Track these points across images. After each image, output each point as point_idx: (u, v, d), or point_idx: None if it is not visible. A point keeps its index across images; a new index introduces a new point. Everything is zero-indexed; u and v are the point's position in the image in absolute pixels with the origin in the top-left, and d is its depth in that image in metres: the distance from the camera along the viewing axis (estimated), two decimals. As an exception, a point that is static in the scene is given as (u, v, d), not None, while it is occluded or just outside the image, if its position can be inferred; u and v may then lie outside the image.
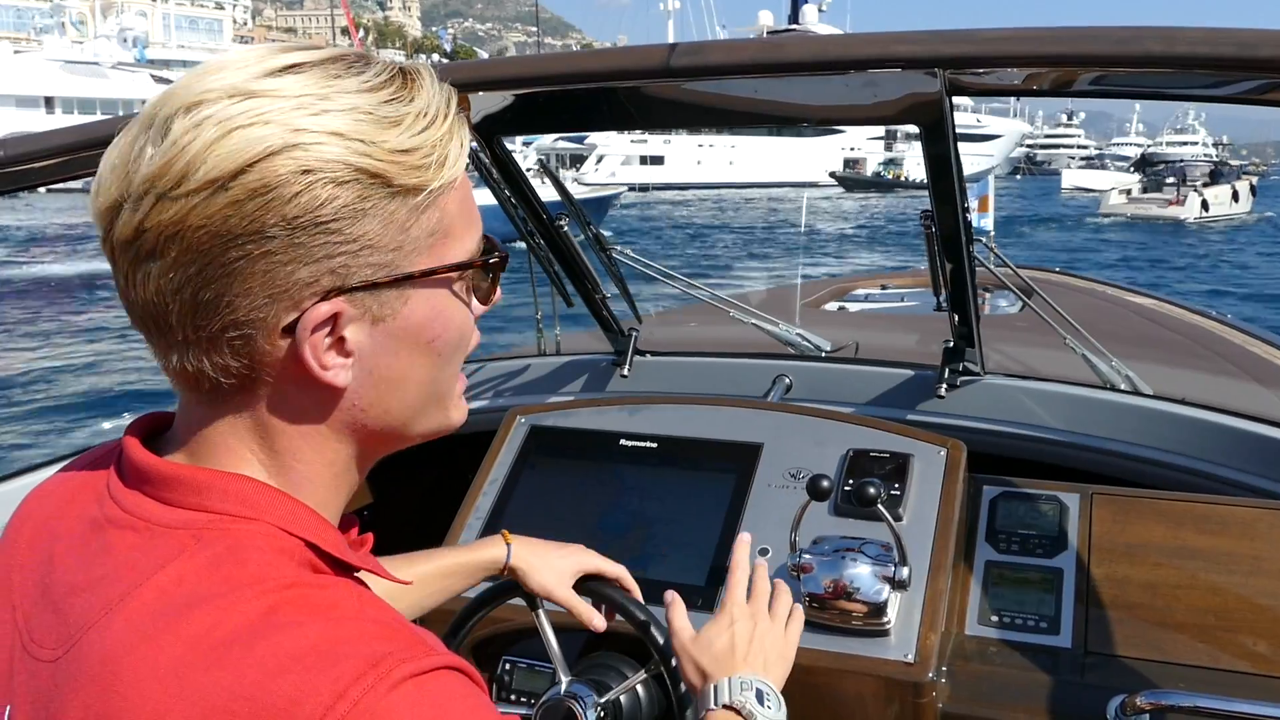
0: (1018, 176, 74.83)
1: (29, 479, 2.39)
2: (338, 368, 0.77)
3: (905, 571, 1.58)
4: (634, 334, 2.55)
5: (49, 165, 1.84)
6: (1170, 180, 40.31)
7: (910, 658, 1.57)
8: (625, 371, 2.51)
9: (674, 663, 1.36)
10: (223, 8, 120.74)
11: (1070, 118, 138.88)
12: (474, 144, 2.08)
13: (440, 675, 0.70)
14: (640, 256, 2.58)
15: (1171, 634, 1.61)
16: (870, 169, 72.81)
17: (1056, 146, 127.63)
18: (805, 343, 2.63)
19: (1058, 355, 2.55)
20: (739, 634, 1.30)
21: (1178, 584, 1.66)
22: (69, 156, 1.79)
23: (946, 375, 2.23)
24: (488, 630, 1.76)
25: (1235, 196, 40.32)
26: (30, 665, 0.76)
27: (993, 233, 5.50)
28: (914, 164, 73.48)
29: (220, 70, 0.74)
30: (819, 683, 1.59)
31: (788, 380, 2.42)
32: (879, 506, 1.56)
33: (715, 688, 1.23)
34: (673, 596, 1.38)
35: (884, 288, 5.10)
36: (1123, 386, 2.29)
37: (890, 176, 65.40)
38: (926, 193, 1.85)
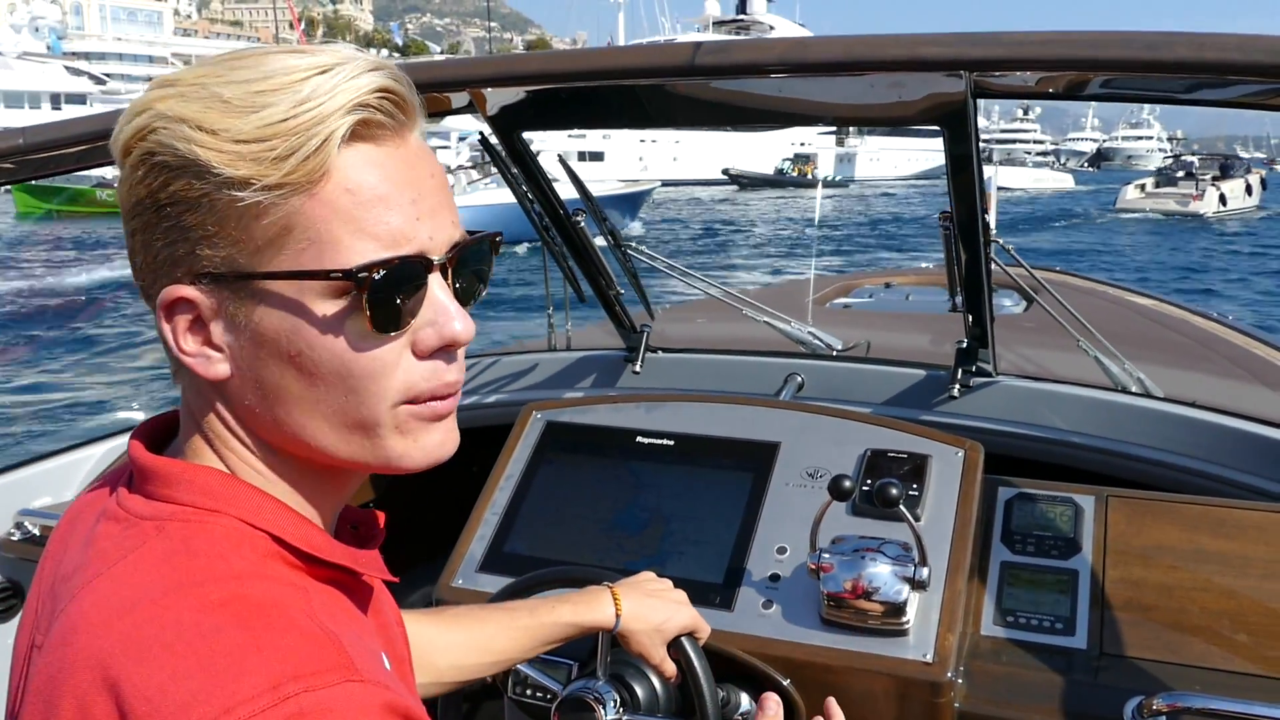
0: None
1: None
2: (201, 357, 0.78)
3: (925, 572, 1.59)
4: (646, 330, 2.56)
5: (69, 154, 1.84)
6: (1180, 174, 40.55)
7: (929, 657, 1.58)
8: (637, 368, 2.52)
9: None
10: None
11: (1026, 113, 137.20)
12: (491, 136, 2.08)
13: (357, 709, 0.67)
14: (654, 253, 2.58)
15: (1186, 637, 1.62)
16: (822, 166, 70.74)
17: (1013, 142, 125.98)
18: (817, 341, 2.63)
19: (1066, 356, 2.56)
20: None
21: (1193, 587, 1.67)
22: (89, 145, 1.79)
23: (960, 376, 2.23)
24: None
25: (1249, 190, 40.68)
26: (35, 655, 0.79)
27: (994, 230, 5.48)
28: (828, 160, 71.83)
29: (198, 63, 0.78)
30: (838, 681, 1.59)
31: (800, 379, 2.42)
32: (900, 507, 1.56)
33: None
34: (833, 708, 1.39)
35: (889, 286, 5.10)
36: (1134, 389, 2.30)
37: (795, 173, 60.71)
38: (835, 191, 1.84)
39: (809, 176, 56.27)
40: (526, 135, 2.13)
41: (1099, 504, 1.81)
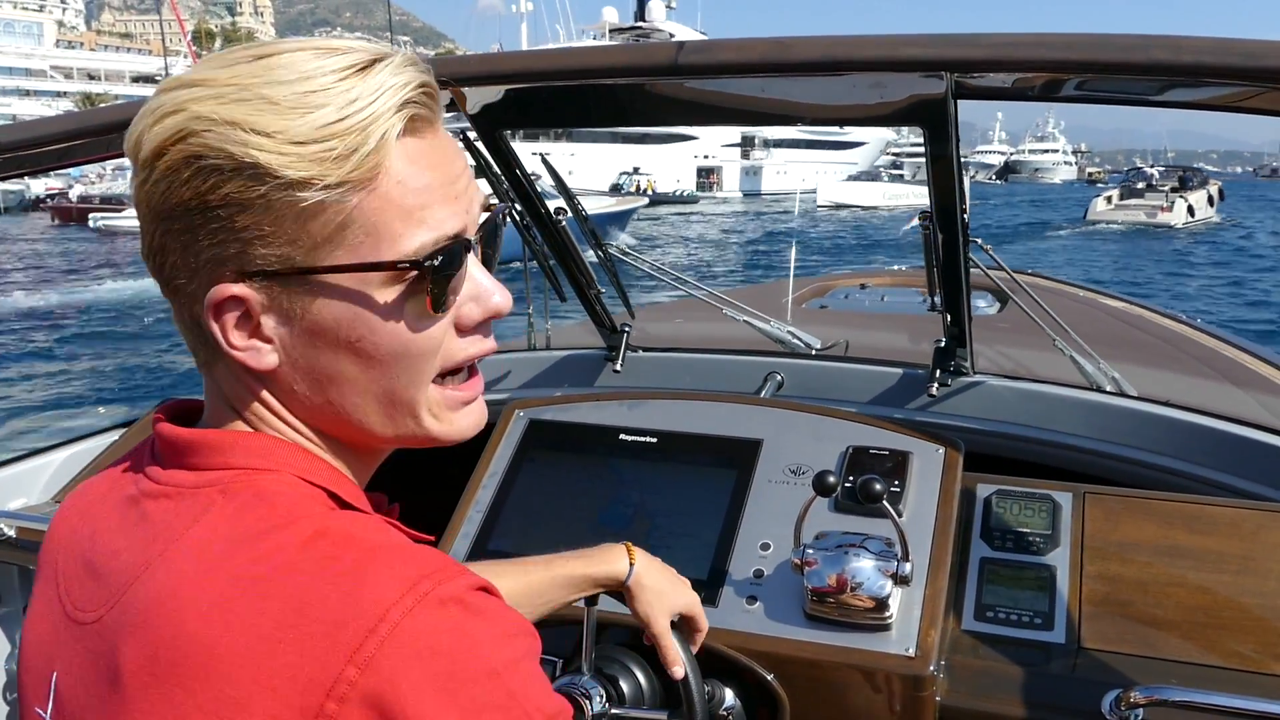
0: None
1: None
2: (250, 350, 0.79)
3: (908, 567, 1.61)
4: (627, 330, 2.56)
5: (47, 152, 1.82)
6: (1141, 186, 41.38)
7: (911, 652, 1.59)
8: (618, 367, 2.52)
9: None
10: (44, 10, 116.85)
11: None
12: (472, 135, 2.08)
13: (474, 595, 0.73)
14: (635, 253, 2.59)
15: (1162, 631, 1.64)
16: (727, 179, 69.18)
17: (921, 155, 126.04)
18: (796, 340, 2.65)
19: (1042, 355, 2.59)
20: None
21: (1168, 582, 1.70)
22: (68, 144, 1.78)
23: (938, 374, 2.25)
24: None
25: (1210, 201, 41.66)
26: (74, 631, 0.80)
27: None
28: (733, 173, 70.04)
29: (205, 62, 0.78)
30: (821, 676, 1.61)
31: (779, 377, 2.44)
32: (884, 503, 1.58)
33: None
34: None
35: (863, 287, 5.14)
36: (1109, 388, 2.33)
37: (634, 189, 52.22)
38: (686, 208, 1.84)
39: (650, 192, 51.23)
40: (508, 134, 2.13)
41: (1076, 501, 1.84)
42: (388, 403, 0.83)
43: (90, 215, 36.07)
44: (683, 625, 1.47)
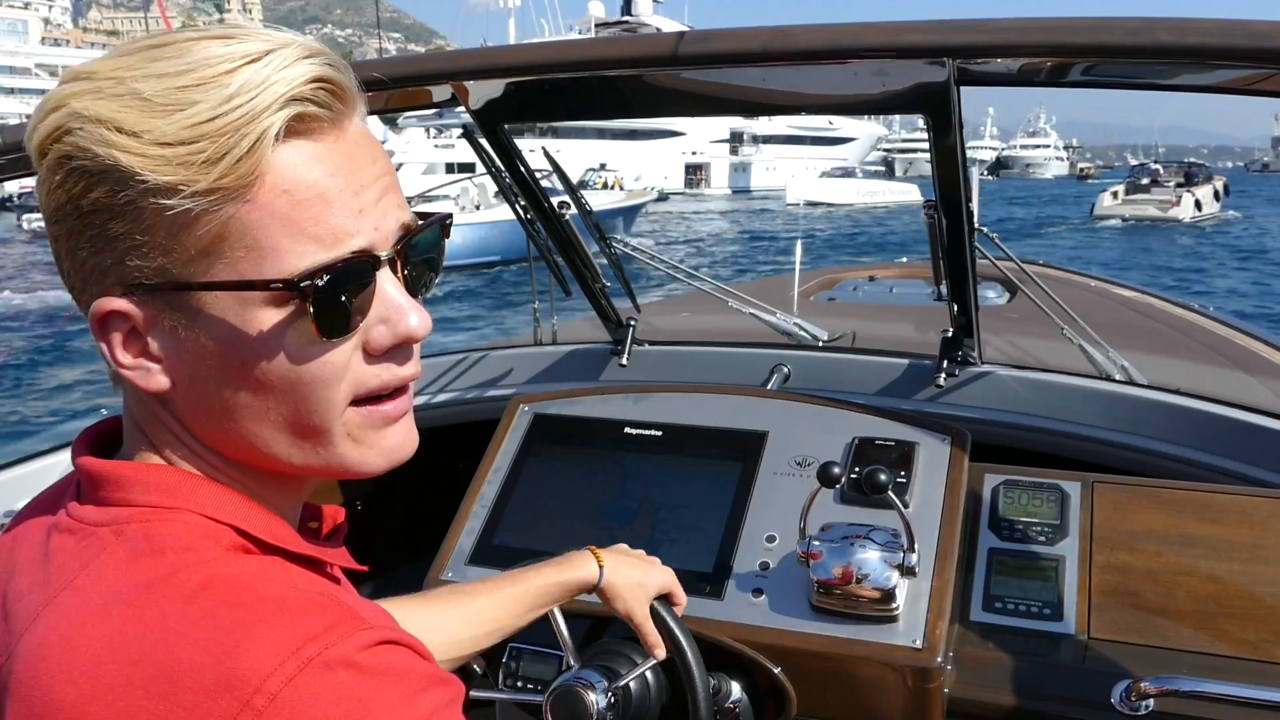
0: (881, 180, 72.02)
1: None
2: (139, 369, 0.74)
3: (914, 558, 1.60)
4: (632, 324, 2.55)
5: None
6: (1146, 181, 41.38)
7: (918, 643, 1.58)
8: (624, 361, 2.51)
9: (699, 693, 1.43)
10: (29, 7, 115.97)
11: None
12: (475, 129, 2.07)
13: (370, 654, 0.66)
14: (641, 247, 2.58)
15: (1173, 621, 1.63)
16: (715, 176, 67.32)
17: (914, 150, 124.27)
18: (802, 332, 2.64)
19: (1050, 345, 2.57)
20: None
21: (1178, 571, 1.68)
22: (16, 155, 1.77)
23: (945, 365, 2.24)
24: None
25: (1216, 196, 41.64)
26: None
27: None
28: (721, 170, 68.24)
29: (113, 49, 0.74)
30: (828, 669, 1.60)
31: (786, 369, 2.42)
32: (889, 494, 1.57)
33: None
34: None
35: (872, 279, 5.11)
36: (1118, 377, 2.31)
37: (600, 185, 39.68)
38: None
39: (619, 190, 44.85)
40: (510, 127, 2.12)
41: (1085, 490, 1.82)
42: (292, 432, 0.75)
43: (24, 216, 34.72)
44: (664, 601, 1.49)
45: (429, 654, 0.72)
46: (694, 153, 67.68)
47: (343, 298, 0.72)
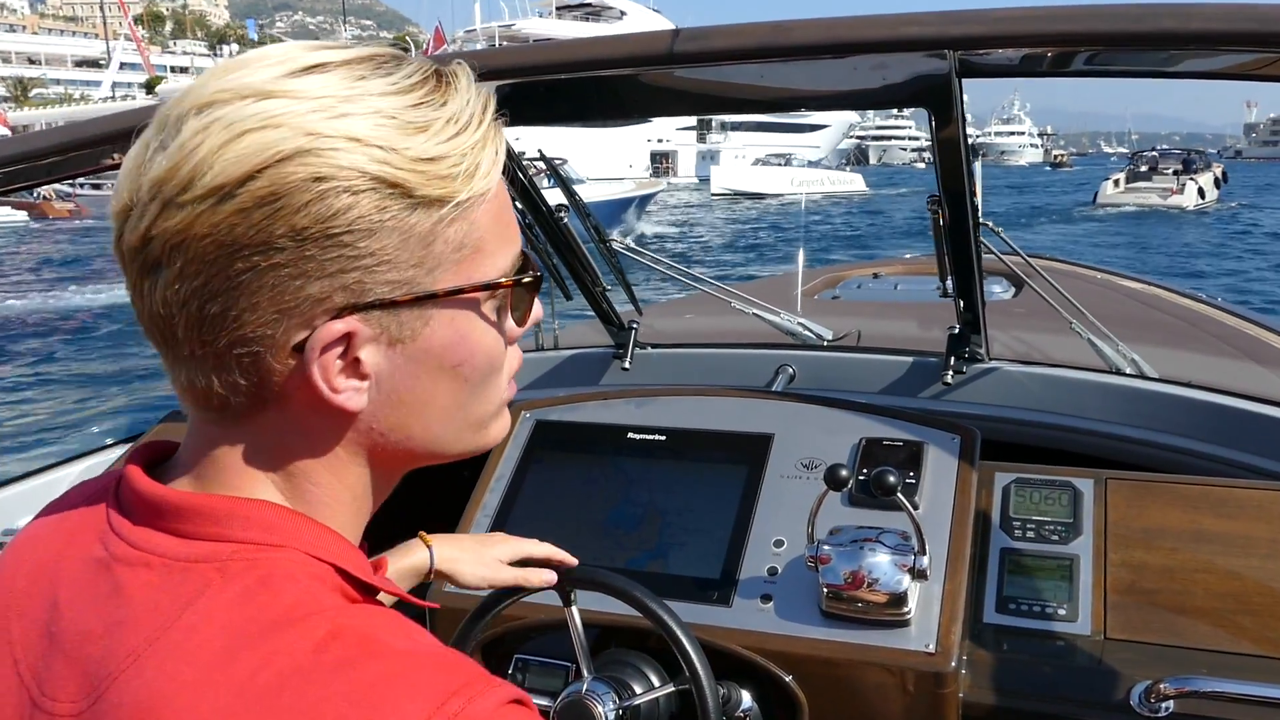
0: (847, 169, 67.55)
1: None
2: (350, 391, 0.72)
3: (925, 560, 1.56)
4: (634, 327, 2.53)
5: (39, 166, 1.80)
6: (1145, 168, 41.31)
7: (931, 648, 1.55)
8: (626, 364, 2.49)
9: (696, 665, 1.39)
10: None
11: (900, 109, 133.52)
12: None
13: (509, 711, 0.66)
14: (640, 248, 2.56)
15: (1191, 619, 1.60)
16: (682, 164, 64.77)
17: (888, 138, 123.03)
18: (807, 332, 2.61)
19: (1058, 340, 2.54)
20: None
21: (1196, 569, 1.65)
22: (61, 157, 1.75)
23: (953, 362, 2.21)
24: (500, 628, 1.73)
25: (1217, 184, 41.60)
26: None
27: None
28: (689, 158, 65.41)
29: (240, 68, 0.70)
30: (841, 675, 1.57)
31: (791, 370, 2.40)
32: (898, 495, 1.54)
33: None
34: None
35: (876, 276, 5.08)
36: (1128, 370, 2.28)
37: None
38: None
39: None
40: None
41: (1098, 487, 1.79)
42: (468, 423, 0.80)
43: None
44: (563, 572, 1.47)
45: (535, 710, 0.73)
46: (660, 140, 65.65)
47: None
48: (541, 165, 2.48)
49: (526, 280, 0.78)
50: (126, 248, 0.70)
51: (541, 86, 1.82)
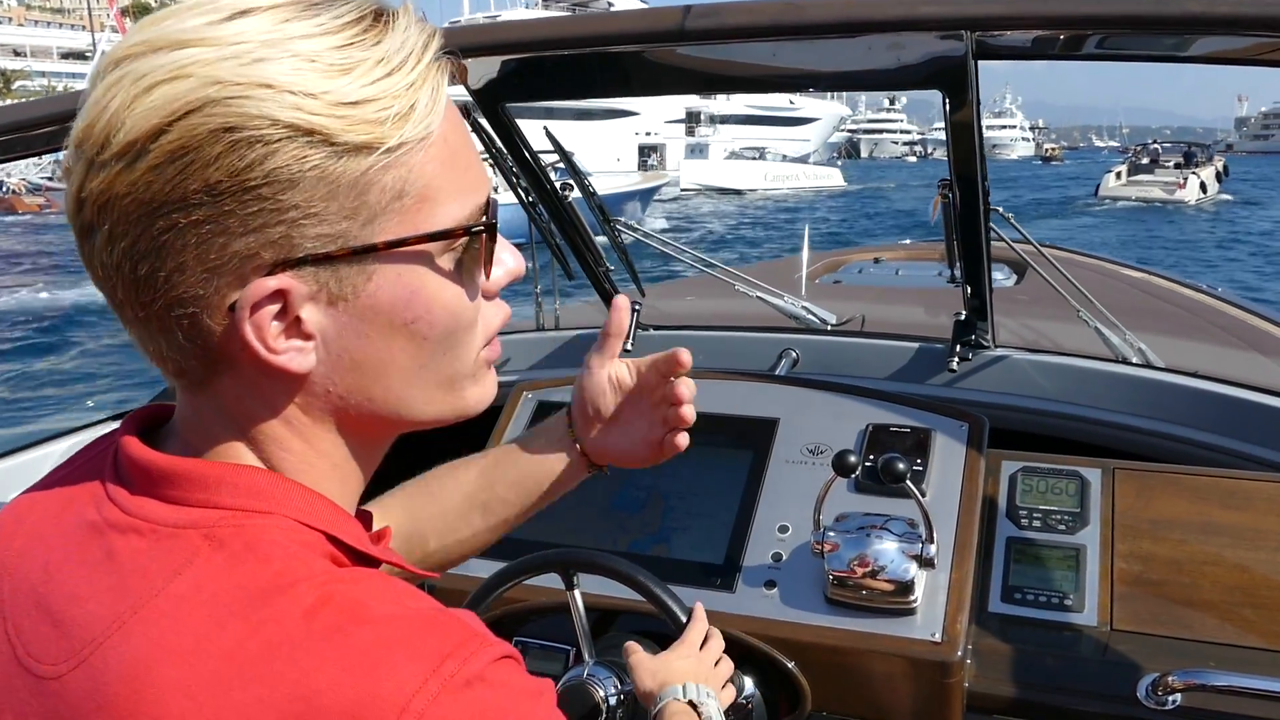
0: (838, 162, 68.49)
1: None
2: (292, 351, 0.69)
3: (932, 549, 1.55)
4: (637, 308, 2.50)
5: (38, 135, 1.76)
6: (1146, 161, 41.27)
7: (937, 637, 1.53)
8: (629, 346, 2.46)
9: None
10: None
11: (892, 102, 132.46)
12: (474, 109, 2.02)
13: (502, 667, 0.66)
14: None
15: (1198, 611, 1.58)
16: (670, 158, 61.33)
17: (880, 132, 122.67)
18: (811, 316, 2.59)
19: (1064, 328, 2.52)
20: (700, 661, 1.39)
21: (1203, 560, 1.64)
22: (58, 127, 1.72)
23: (959, 349, 2.19)
24: (500, 610, 1.71)
25: (1218, 178, 41.59)
26: (29, 682, 0.69)
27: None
28: (677, 150, 62.57)
29: (165, 19, 0.66)
30: (845, 663, 1.55)
31: (794, 354, 2.37)
32: (907, 482, 1.52)
33: (683, 687, 1.31)
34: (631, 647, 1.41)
35: (878, 261, 5.06)
36: (1135, 360, 2.26)
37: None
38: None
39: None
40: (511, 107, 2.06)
41: (1105, 477, 1.77)
42: (438, 384, 0.76)
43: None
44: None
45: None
46: (648, 133, 64.10)
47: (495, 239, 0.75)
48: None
49: (475, 228, 0.73)
50: (68, 212, 0.69)
51: (550, 61, 1.79)
